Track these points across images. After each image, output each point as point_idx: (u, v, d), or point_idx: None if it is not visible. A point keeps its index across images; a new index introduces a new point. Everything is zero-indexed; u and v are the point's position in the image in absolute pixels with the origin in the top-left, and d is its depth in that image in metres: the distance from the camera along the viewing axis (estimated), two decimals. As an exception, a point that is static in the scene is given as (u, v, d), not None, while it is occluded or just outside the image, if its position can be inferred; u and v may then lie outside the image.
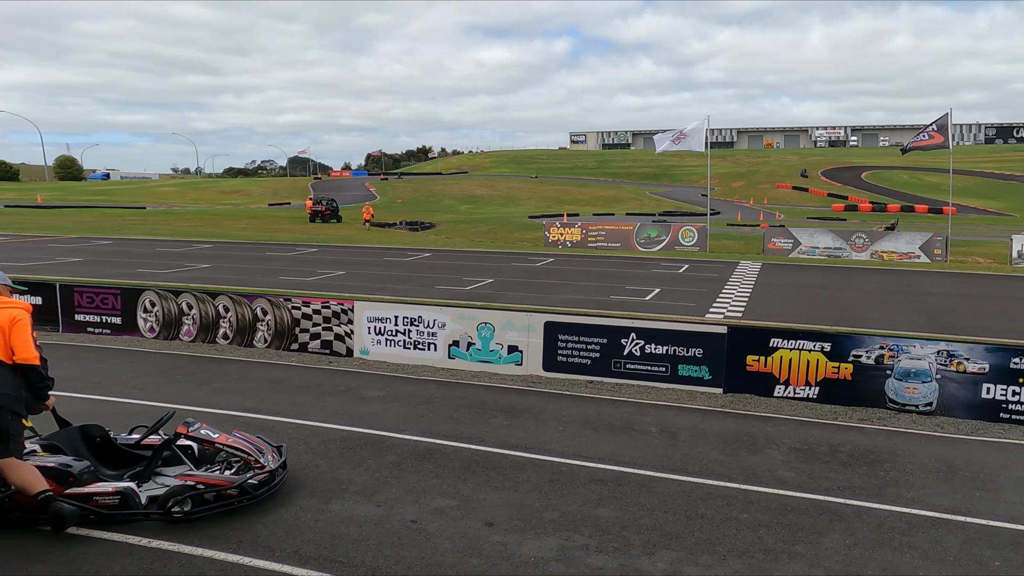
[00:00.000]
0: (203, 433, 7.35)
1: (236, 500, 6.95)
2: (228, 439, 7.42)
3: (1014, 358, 10.38)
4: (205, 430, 7.41)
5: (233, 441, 7.42)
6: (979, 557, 6.54)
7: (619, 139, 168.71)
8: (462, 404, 10.76)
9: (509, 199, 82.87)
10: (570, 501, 7.48)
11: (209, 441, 7.33)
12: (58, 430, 7.37)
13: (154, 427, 7.46)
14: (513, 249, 34.82)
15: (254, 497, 7.04)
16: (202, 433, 7.35)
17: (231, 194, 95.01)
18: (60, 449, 7.06)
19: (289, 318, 13.78)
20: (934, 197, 72.84)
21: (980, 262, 30.79)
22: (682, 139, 33.55)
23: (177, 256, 29.17)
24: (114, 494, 6.71)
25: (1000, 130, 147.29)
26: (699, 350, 11.68)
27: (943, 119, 31.52)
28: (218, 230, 43.22)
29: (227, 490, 6.91)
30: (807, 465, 8.68)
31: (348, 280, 22.74)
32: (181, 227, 45.31)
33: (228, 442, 7.38)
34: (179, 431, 7.31)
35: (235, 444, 7.38)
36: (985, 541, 6.84)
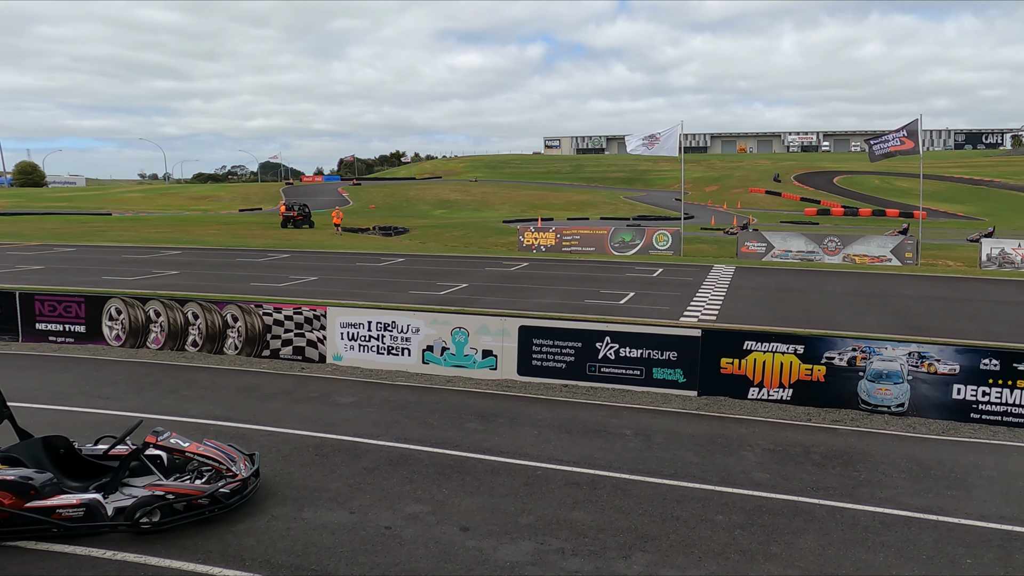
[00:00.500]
0: (173, 442, 7.22)
1: (207, 510, 6.83)
2: (199, 448, 7.30)
3: (984, 359, 10.49)
4: (175, 439, 7.28)
5: (204, 450, 7.29)
6: (951, 555, 6.59)
7: (593, 144, 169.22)
8: (436, 409, 10.69)
9: (483, 204, 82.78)
10: (545, 505, 7.44)
11: (179, 450, 7.20)
12: (18, 442, 7.21)
13: (121, 437, 7.30)
14: (487, 254, 34.75)
15: (226, 506, 6.92)
16: (172, 442, 7.21)
17: (200, 200, 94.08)
18: (21, 462, 6.88)
19: (260, 324, 13.63)
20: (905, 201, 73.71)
21: (950, 265, 31.18)
22: (656, 144, 33.68)
23: (144, 263, 28.75)
24: (78, 506, 6.56)
25: (969, 136, 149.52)
26: (673, 353, 11.69)
27: (913, 125, 31.91)
28: (187, 236, 42.71)
29: (198, 499, 6.79)
30: (781, 466, 8.70)
31: (320, 286, 22.57)
32: (148, 233, 44.69)
33: (199, 451, 7.25)
34: (148, 440, 7.17)
35: (206, 453, 7.26)
36: (957, 539, 6.90)
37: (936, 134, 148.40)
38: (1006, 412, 10.40)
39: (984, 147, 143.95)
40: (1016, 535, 7.01)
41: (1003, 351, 10.71)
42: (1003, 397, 10.41)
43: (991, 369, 10.44)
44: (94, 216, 65.24)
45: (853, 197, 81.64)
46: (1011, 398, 10.38)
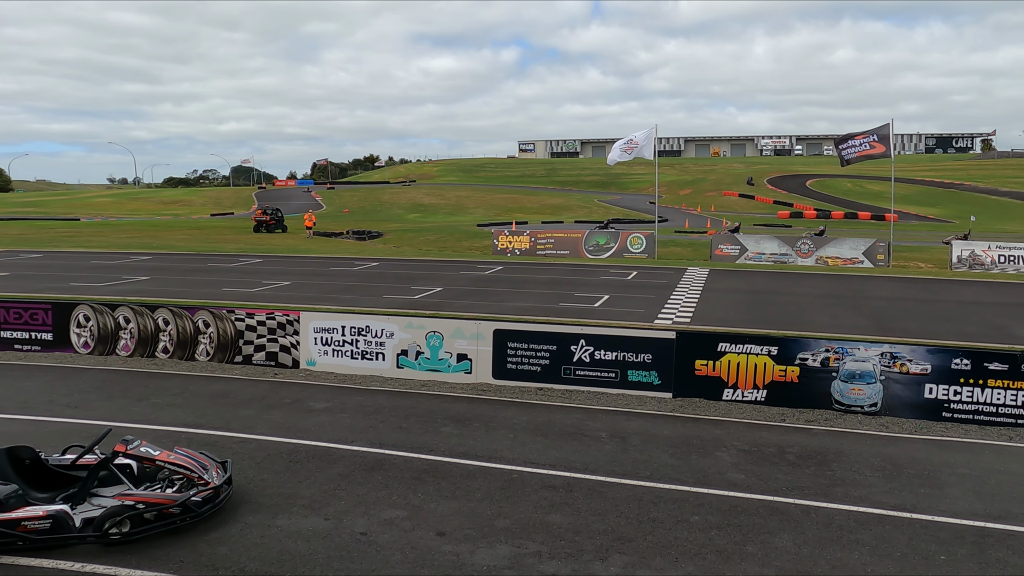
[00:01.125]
0: (143, 451, 7.09)
1: (179, 519, 6.73)
2: (170, 456, 7.18)
3: (955, 359, 10.62)
4: (145, 447, 7.15)
5: (175, 458, 7.18)
6: (925, 552, 6.64)
7: (568, 147, 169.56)
8: (411, 414, 10.63)
9: (457, 208, 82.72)
10: (522, 508, 7.41)
11: (149, 459, 7.07)
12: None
13: (90, 446, 7.16)
14: (462, 258, 34.69)
15: (198, 515, 6.82)
16: (142, 451, 7.09)
17: (171, 204, 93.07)
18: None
19: (232, 330, 13.48)
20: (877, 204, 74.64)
21: (921, 267, 31.55)
22: (634, 148, 33.86)
23: (113, 268, 28.38)
24: (45, 518, 6.42)
25: (939, 140, 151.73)
26: (648, 356, 11.72)
27: (884, 129, 32.29)
28: (158, 241, 42.22)
29: (169, 508, 6.68)
30: (756, 466, 8.73)
31: (294, 291, 22.39)
32: (118, 239, 44.10)
33: (170, 459, 7.14)
34: (117, 449, 7.04)
35: (177, 461, 7.15)
36: (931, 536, 6.96)
37: (907, 138, 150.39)
38: (977, 411, 10.53)
39: (954, 151, 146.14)
40: (989, 531, 7.09)
41: (974, 351, 10.85)
42: (974, 396, 10.53)
43: (962, 369, 10.56)
44: (62, 221, 64.31)
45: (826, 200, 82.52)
46: (982, 397, 10.51)
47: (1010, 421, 10.42)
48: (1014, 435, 10.15)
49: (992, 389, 10.47)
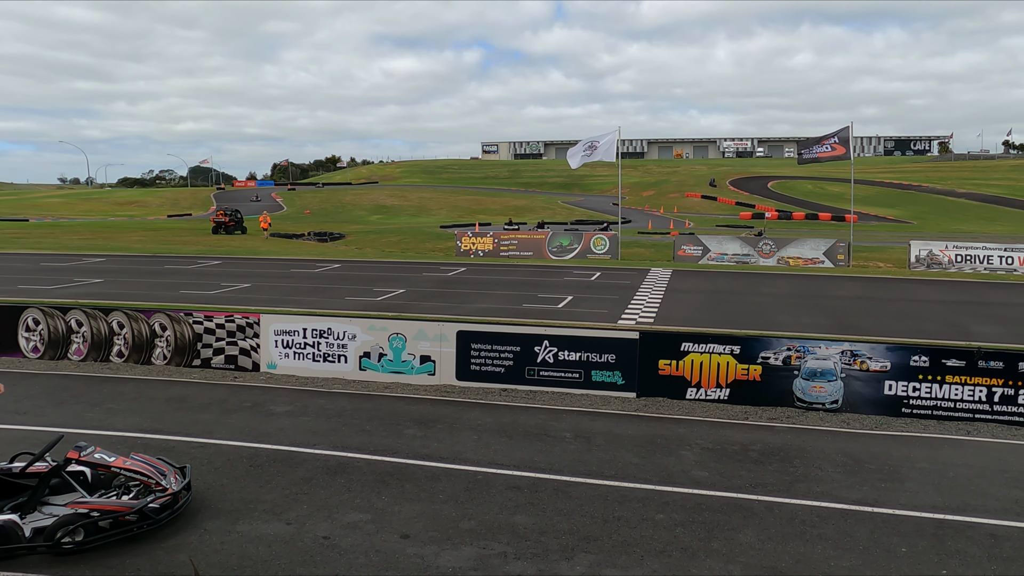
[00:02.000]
0: (97, 457, 6.91)
1: (136, 526, 6.56)
2: (126, 462, 7.00)
3: (913, 356, 10.78)
4: (100, 454, 6.96)
5: (131, 464, 7.00)
6: (886, 544, 6.72)
7: (531, 149, 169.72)
8: (374, 416, 10.52)
9: (420, 209, 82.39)
10: (487, 509, 7.36)
11: (104, 465, 6.89)
12: None
13: (40, 454, 6.93)
14: (425, 259, 34.55)
15: (156, 522, 6.66)
16: (96, 457, 6.90)
17: (126, 205, 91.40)
18: None
19: (190, 333, 13.24)
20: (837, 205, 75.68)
21: (881, 266, 32.05)
22: (595, 151, 33.98)
23: (65, 271, 27.73)
24: None
25: (898, 143, 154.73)
26: (612, 356, 11.73)
27: (844, 132, 32.79)
28: (111, 243, 41.35)
29: (125, 516, 6.51)
30: (720, 464, 8.77)
31: (254, 293, 22.10)
32: (69, 240, 43.11)
33: (126, 465, 6.96)
34: (69, 456, 6.84)
35: (133, 467, 6.97)
36: (892, 529, 7.04)
37: (867, 141, 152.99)
38: (936, 406, 10.70)
39: (912, 153, 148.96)
40: (948, 523, 7.19)
41: (932, 348, 11.02)
42: (932, 392, 10.69)
43: (921, 365, 10.72)
44: (9, 222, 62.76)
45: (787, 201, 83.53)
46: (940, 393, 10.67)
47: (968, 416, 10.60)
48: (972, 429, 10.34)
49: (950, 385, 10.65)
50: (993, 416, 10.55)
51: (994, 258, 30.42)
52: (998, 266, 30.20)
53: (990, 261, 30.41)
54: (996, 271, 29.95)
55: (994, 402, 10.56)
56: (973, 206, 79.34)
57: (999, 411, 10.55)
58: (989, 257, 30.48)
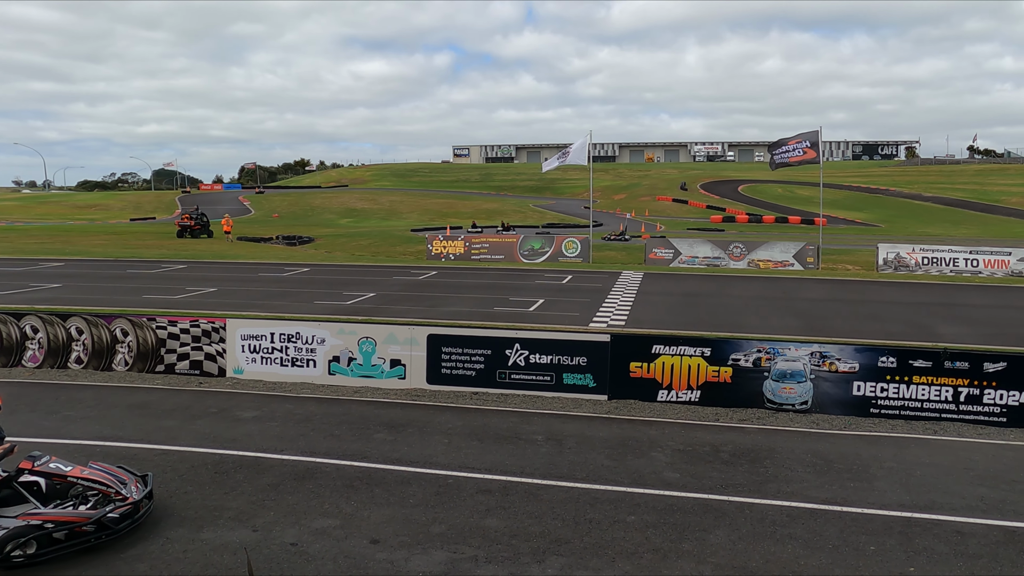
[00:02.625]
0: (52, 467, 6.68)
1: (93, 537, 6.37)
2: (83, 471, 6.78)
3: (881, 357, 10.88)
4: (55, 463, 6.74)
5: (89, 473, 6.79)
6: (856, 543, 6.75)
7: (503, 153, 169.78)
8: (344, 421, 10.40)
9: (391, 212, 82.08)
10: (457, 513, 7.29)
11: (59, 475, 6.66)
12: None
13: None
14: (395, 263, 34.38)
15: (115, 532, 6.48)
16: (51, 467, 6.67)
17: (86, 209, 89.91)
18: None
19: (153, 338, 13.01)
20: (806, 209, 76.58)
21: (849, 269, 32.43)
22: (567, 155, 34.23)
23: (20, 276, 26.98)
24: None
25: (866, 147, 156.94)
26: (583, 359, 11.71)
27: (813, 136, 33.20)
28: (71, 247, 40.46)
29: (82, 527, 6.32)
30: (691, 466, 8.77)
31: (220, 297, 21.82)
32: (25, 244, 42.10)
33: (83, 475, 6.74)
34: (22, 466, 6.59)
35: (91, 476, 6.76)
36: (860, 528, 7.08)
37: (835, 145, 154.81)
38: (903, 406, 10.80)
39: (880, 158, 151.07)
40: (916, 521, 7.25)
41: (899, 349, 11.13)
42: (900, 392, 10.79)
43: (888, 366, 10.82)
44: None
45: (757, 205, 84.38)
46: (907, 393, 10.78)
47: (934, 416, 10.71)
48: (938, 429, 10.45)
49: (917, 385, 10.75)
50: (959, 416, 10.67)
51: (960, 260, 30.88)
52: (964, 268, 30.66)
53: (956, 263, 30.86)
54: (962, 273, 30.40)
55: (960, 402, 10.68)
56: (939, 210, 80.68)
57: (965, 411, 10.67)
58: (955, 259, 30.94)
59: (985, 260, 30.64)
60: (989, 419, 10.61)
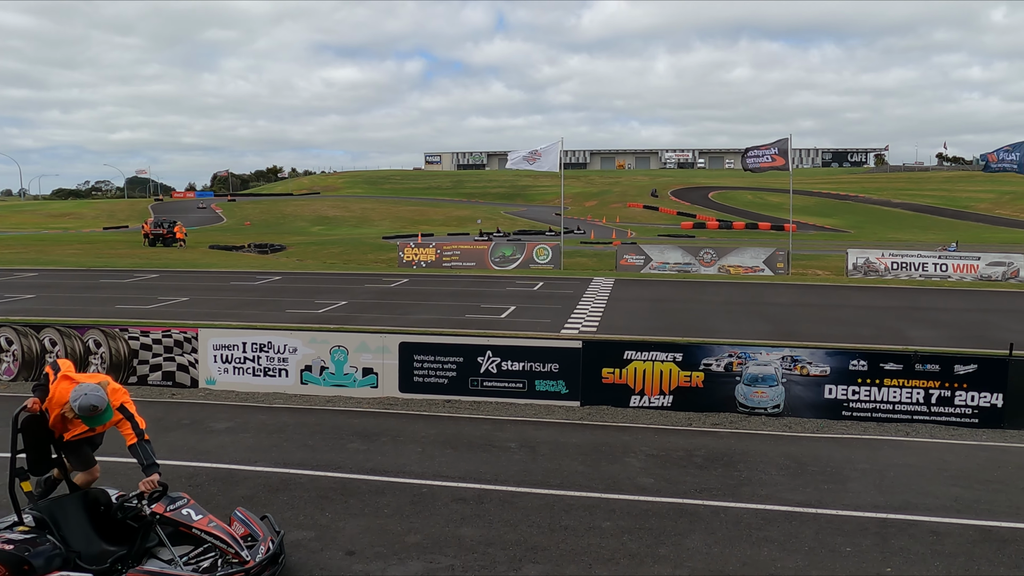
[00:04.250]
0: (184, 513, 6.02)
1: None
2: (209, 524, 6.04)
3: (852, 360, 11.01)
4: (188, 509, 6.07)
5: (213, 527, 6.06)
6: (831, 545, 6.81)
7: (474, 160, 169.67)
8: (317, 431, 10.32)
9: (363, 220, 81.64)
10: (433, 523, 7.25)
11: (186, 525, 5.99)
12: (65, 495, 6.23)
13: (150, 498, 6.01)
14: (367, 270, 34.23)
15: None
16: (183, 513, 6.01)
17: (60, 217, 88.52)
18: (51, 523, 5.80)
19: (126, 349, 12.85)
20: (776, 215, 77.34)
21: (819, 274, 32.78)
22: (537, 159, 34.13)
23: (-3, 287, 26.74)
24: None
25: (835, 154, 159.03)
26: (555, 365, 11.72)
27: (783, 143, 33.55)
28: (45, 257, 40.00)
29: None
30: (665, 470, 8.79)
31: (192, 307, 21.59)
32: (1, 254, 41.68)
33: (207, 527, 6.02)
34: (156, 510, 5.97)
35: (213, 531, 6.03)
36: (836, 529, 7.14)
37: (805, 152, 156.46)
38: (875, 409, 10.93)
39: (849, 165, 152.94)
40: (891, 522, 7.32)
41: (870, 352, 11.29)
42: (871, 395, 10.92)
43: (859, 369, 10.95)
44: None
45: (727, 211, 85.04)
46: (879, 396, 10.91)
47: (906, 417, 10.85)
48: (910, 430, 10.58)
49: (888, 388, 10.89)
50: (931, 417, 10.82)
51: (928, 265, 31.33)
52: (932, 273, 31.10)
53: (925, 268, 31.30)
54: (931, 278, 30.84)
55: (931, 403, 10.82)
56: (908, 216, 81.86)
57: (936, 412, 10.81)
58: (924, 264, 31.39)
59: (954, 265, 31.09)
60: (961, 420, 10.77)
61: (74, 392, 5.87)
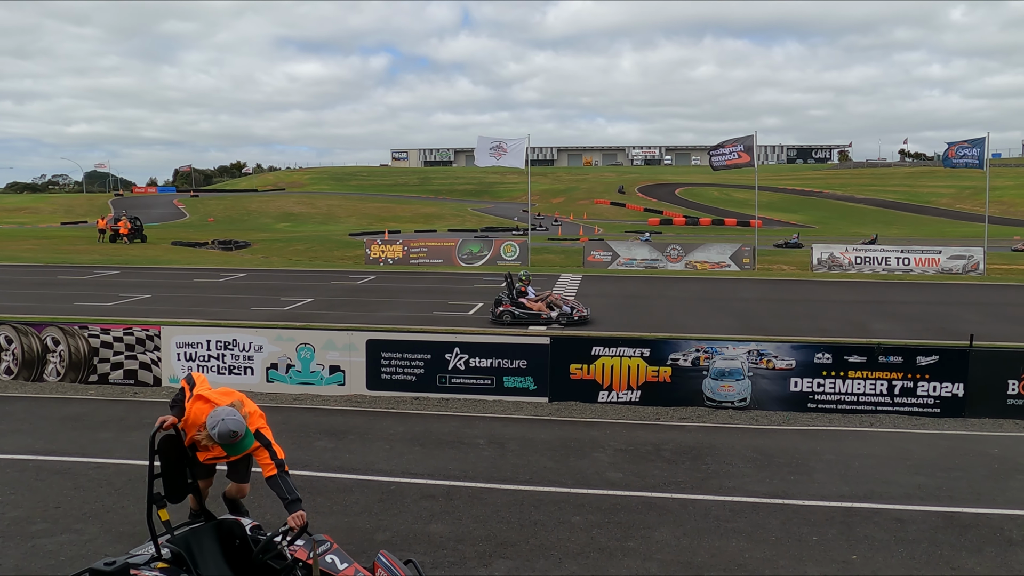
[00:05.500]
0: (328, 561, 5.31)
1: None
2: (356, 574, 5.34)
3: (817, 354, 11.14)
4: (332, 556, 5.39)
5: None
6: (798, 534, 6.88)
7: (441, 156, 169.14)
8: (283, 429, 10.15)
9: (329, 216, 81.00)
10: (401, 520, 7.20)
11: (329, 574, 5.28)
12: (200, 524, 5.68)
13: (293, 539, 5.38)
14: (333, 267, 33.97)
15: None
16: (327, 561, 5.30)
17: (15, 212, 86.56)
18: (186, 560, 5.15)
19: (86, 347, 12.61)
20: (742, 211, 78.07)
21: (784, 269, 33.14)
22: (503, 154, 34.07)
23: (-51, 285, 26.10)
24: None
25: (800, 151, 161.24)
26: (523, 361, 11.71)
27: (749, 140, 33.91)
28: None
29: None
30: (634, 465, 8.82)
31: (155, 304, 21.27)
32: (-49, 252, 40.61)
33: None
34: (298, 556, 5.36)
35: None
36: (802, 519, 7.22)
37: (770, 149, 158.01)
38: (839, 400, 11.07)
39: (814, 161, 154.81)
40: (855, 511, 7.42)
41: (834, 346, 11.42)
42: (836, 387, 11.06)
43: (824, 362, 11.08)
44: None
45: (694, 208, 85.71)
46: (843, 388, 11.05)
47: (870, 408, 11.01)
48: (874, 421, 10.74)
49: (852, 380, 11.03)
50: (894, 408, 10.98)
51: (891, 259, 31.86)
52: (895, 267, 31.62)
53: (888, 262, 31.81)
54: (894, 271, 31.35)
55: (894, 395, 10.99)
56: (871, 211, 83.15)
57: (899, 403, 10.99)
58: (887, 258, 31.90)
59: (916, 258, 31.63)
60: (923, 410, 10.96)
61: (211, 418, 5.28)
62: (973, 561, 6.41)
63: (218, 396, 5.53)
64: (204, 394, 5.53)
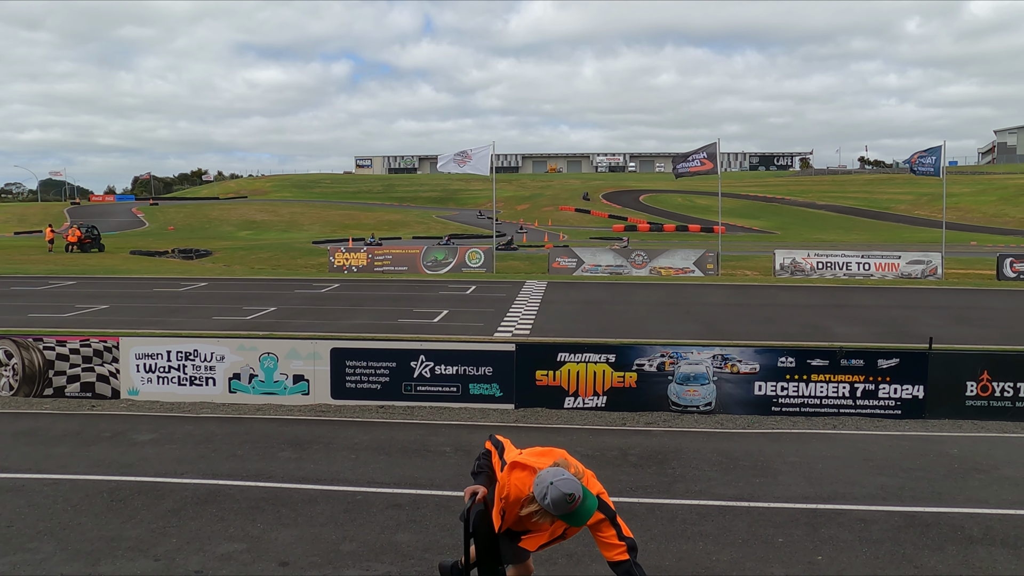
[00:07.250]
0: None
1: None
2: None
3: (780, 358, 11.24)
4: None
5: None
6: (764, 536, 6.92)
7: (405, 163, 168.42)
8: (246, 440, 10.05)
9: (292, 224, 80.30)
10: (368, 530, 7.12)
11: None
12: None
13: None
14: (297, 276, 33.66)
15: None
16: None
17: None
18: None
19: (40, 360, 12.33)
20: (705, 217, 78.87)
21: (748, 274, 33.47)
22: (467, 162, 34.05)
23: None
24: None
25: (762, 158, 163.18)
26: (489, 368, 11.67)
27: (711, 148, 34.27)
28: (-50, 266, 38.25)
29: None
30: (600, 470, 8.71)
31: (113, 314, 20.89)
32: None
33: None
34: None
35: None
36: (768, 521, 7.26)
37: (732, 156, 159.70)
38: (803, 404, 11.18)
39: (775, 168, 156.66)
40: (820, 512, 7.49)
41: (797, 350, 11.53)
42: (799, 391, 11.17)
43: (787, 366, 11.19)
44: None
45: (658, 214, 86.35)
46: (806, 391, 11.17)
47: (833, 411, 11.13)
48: (837, 424, 10.86)
49: (815, 383, 11.15)
50: (856, 410, 11.12)
51: (852, 264, 32.37)
52: (856, 272, 32.12)
53: (848, 267, 32.31)
54: (854, 276, 31.84)
55: (857, 397, 11.13)
56: (832, 217, 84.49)
57: (862, 405, 11.12)
58: (848, 264, 32.41)
59: (876, 263, 32.16)
60: (885, 412, 11.10)
61: (537, 486, 4.25)
62: (935, 559, 6.50)
63: (536, 459, 4.50)
64: (520, 460, 4.54)
